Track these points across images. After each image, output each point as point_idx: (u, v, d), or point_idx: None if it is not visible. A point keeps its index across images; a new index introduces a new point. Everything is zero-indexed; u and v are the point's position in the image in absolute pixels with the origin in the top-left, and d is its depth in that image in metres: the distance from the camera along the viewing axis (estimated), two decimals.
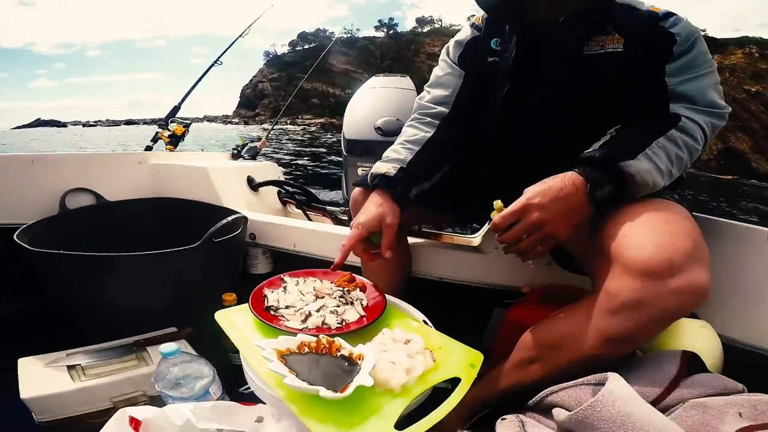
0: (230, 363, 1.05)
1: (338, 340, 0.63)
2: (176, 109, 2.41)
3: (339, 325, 0.72)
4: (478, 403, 0.80)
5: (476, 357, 0.72)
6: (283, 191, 1.86)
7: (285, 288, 0.82)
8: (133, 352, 0.98)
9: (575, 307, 0.73)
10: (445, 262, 1.24)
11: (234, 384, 0.88)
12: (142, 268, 1.06)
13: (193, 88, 2.59)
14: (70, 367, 0.91)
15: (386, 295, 0.84)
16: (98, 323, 1.12)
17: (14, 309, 1.33)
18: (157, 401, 0.84)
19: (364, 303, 0.81)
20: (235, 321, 0.74)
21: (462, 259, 1.24)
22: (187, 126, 2.18)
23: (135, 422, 0.68)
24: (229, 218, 1.16)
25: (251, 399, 0.72)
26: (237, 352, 0.69)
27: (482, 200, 0.84)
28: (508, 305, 1.13)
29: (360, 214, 0.84)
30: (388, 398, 0.59)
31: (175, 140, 2.10)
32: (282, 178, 1.96)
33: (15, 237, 1.05)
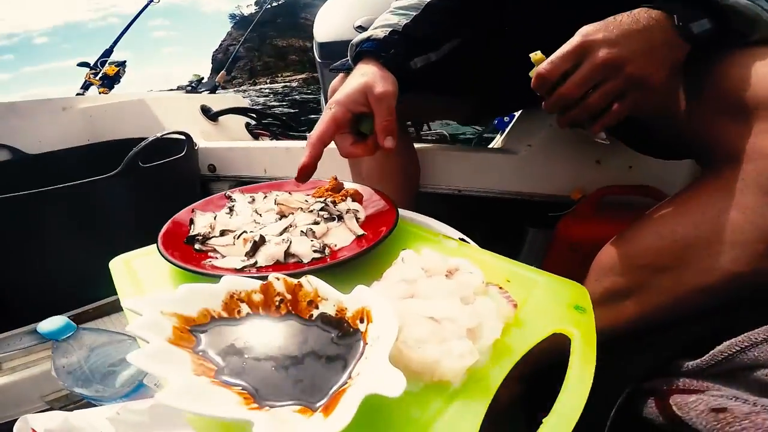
0: None
1: (313, 281, 0.29)
2: (108, 51, 1.98)
3: (319, 255, 0.38)
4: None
5: (578, 292, 0.38)
6: (253, 122, 1.49)
7: (231, 209, 0.48)
8: None
9: (692, 198, 0.46)
10: (461, 169, 0.91)
11: None
12: (55, 211, 0.74)
13: (128, 27, 2.15)
14: None
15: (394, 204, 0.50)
16: (18, 298, 0.83)
17: None
18: None
19: (361, 216, 0.47)
20: (140, 270, 0.40)
21: (484, 164, 0.90)
22: (121, 65, 1.77)
23: None
24: (158, 135, 0.80)
25: None
26: None
27: (504, 86, 0.65)
28: (553, 219, 0.83)
29: (337, 92, 0.51)
30: (440, 401, 0.26)
31: (109, 82, 1.71)
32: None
33: None
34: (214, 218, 0.44)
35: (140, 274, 0.39)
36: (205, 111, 1.35)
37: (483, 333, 0.29)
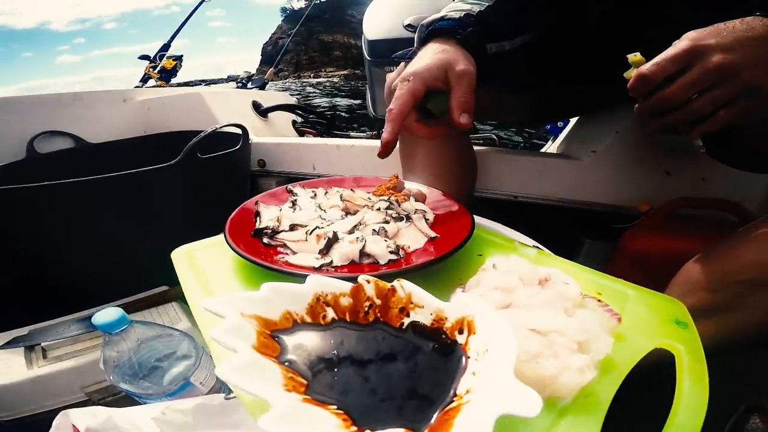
0: None
1: (406, 286, 0.25)
2: (166, 46, 2.05)
3: (395, 257, 0.35)
4: None
5: (676, 306, 0.35)
6: (300, 120, 1.49)
7: (294, 203, 0.46)
8: None
9: None
10: (518, 173, 0.86)
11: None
12: (112, 198, 0.74)
13: (184, 23, 2.21)
14: (28, 349, 0.65)
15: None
16: (69, 284, 0.83)
17: None
18: None
19: (430, 217, 0.44)
20: (204, 262, 0.38)
21: (543, 170, 0.85)
22: (178, 59, 1.82)
23: None
24: (217, 126, 0.79)
25: None
26: None
27: (575, 87, 0.64)
28: (615, 231, 0.78)
29: (410, 66, 0.48)
30: (550, 419, 0.23)
31: (166, 75, 1.77)
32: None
33: None
34: (279, 211, 0.42)
35: (203, 266, 0.37)
36: (256, 107, 1.36)
37: (593, 347, 0.26)
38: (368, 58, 1.23)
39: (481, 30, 0.54)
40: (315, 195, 0.49)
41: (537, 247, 0.48)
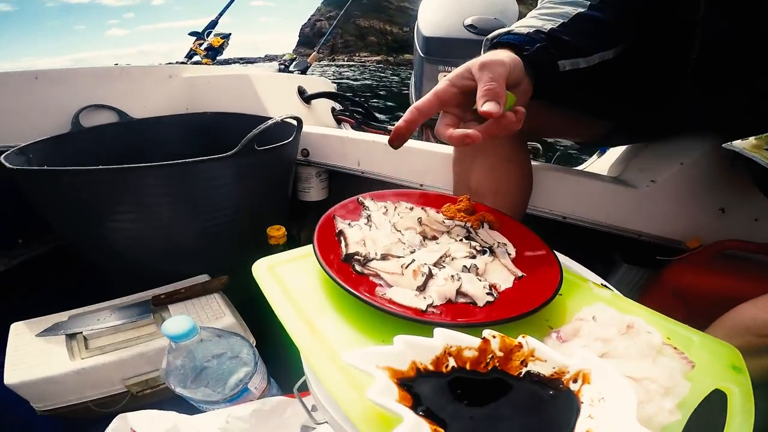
0: (281, 325, 0.74)
1: (530, 342, 0.26)
2: (214, 23, 2.02)
3: (491, 298, 0.34)
4: None
5: (733, 353, 0.37)
6: (339, 107, 1.48)
7: (368, 218, 0.45)
8: (151, 313, 0.68)
9: None
10: (569, 194, 0.84)
11: (284, 360, 0.56)
12: (159, 185, 0.72)
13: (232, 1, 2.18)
14: (70, 337, 0.64)
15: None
16: (110, 270, 0.84)
17: (24, 255, 1.07)
18: None
19: (512, 251, 0.43)
20: (287, 279, 0.38)
21: (596, 193, 0.83)
22: (226, 37, 1.80)
23: None
24: (278, 118, 0.78)
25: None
26: None
27: (653, 111, 0.62)
28: (658, 261, 0.79)
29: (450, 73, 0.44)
30: None
31: (212, 53, 1.75)
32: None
33: (2, 158, 0.74)
34: (363, 228, 0.42)
35: (289, 283, 0.37)
36: (301, 92, 1.35)
37: (675, 391, 0.29)
38: (422, 54, 1.21)
39: (550, 43, 0.50)
40: (386, 210, 0.48)
41: (606, 286, 0.47)
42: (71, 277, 0.93)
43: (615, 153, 1.12)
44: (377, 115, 1.55)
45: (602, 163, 1.20)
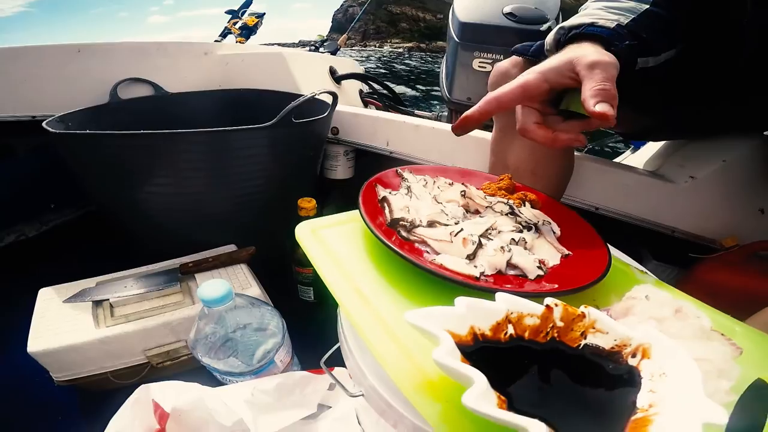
0: (300, 298, 0.74)
1: (593, 314, 0.25)
2: (249, 2, 2.01)
3: (541, 272, 0.33)
4: None
5: None
6: (367, 90, 1.47)
7: (408, 189, 0.44)
8: (178, 282, 0.67)
9: None
10: (605, 185, 0.82)
11: (303, 334, 0.56)
12: (195, 152, 0.72)
13: None
14: (96, 304, 0.63)
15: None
16: (140, 237, 0.84)
17: (56, 221, 1.10)
18: None
19: (557, 230, 0.42)
20: (331, 242, 0.38)
21: (632, 185, 0.80)
22: (260, 17, 1.80)
23: (161, 412, 0.39)
24: (315, 92, 0.78)
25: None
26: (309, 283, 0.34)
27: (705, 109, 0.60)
28: (689, 259, 0.76)
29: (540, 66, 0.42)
30: None
31: (246, 32, 1.75)
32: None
33: (44, 124, 0.75)
34: (404, 198, 0.41)
35: (333, 247, 0.37)
36: (332, 72, 1.34)
37: (729, 374, 0.28)
38: (457, 39, 1.18)
39: (634, 39, 0.48)
40: (426, 183, 0.47)
41: (646, 272, 0.46)
42: (101, 243, 0.95)
43: (649, 149, 1.08)
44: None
45: (637, 158, 1.16)
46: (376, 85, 1.47)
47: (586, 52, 0.40)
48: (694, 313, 0.32)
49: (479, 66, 1.15)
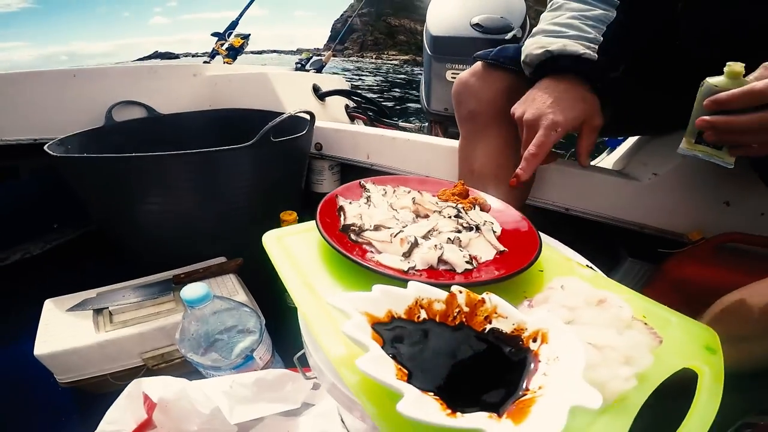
0: (287, 305, 0.79)
1: (493, 299, 0.29)
2: (234, 23, 2.10)
3: (469, 266, 0.38)
4: None
5: (709, 335, 0.38)
6: (352, 105, 1.52)
7: (368, 199, 0.49)
8: (171, 291, 0.73)
9: None
10: (573, 186, 0.86)
11: (287, 337, 0.60)
12: (183, 171, 0.78)
13: (251, 2, 2.26)
14: (97, 312, 0.69)
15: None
16: (136, 251, 0.90)
17: (59, 239, 1.16)
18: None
19: (497, 230, 0.46)
20: (292, 248, 0.42)
21: (600, 185, 0.84)
22: (245, 38, 1.88)
23: (149, 403, 0.43)
24: (291, 112, 0.83)
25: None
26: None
27: (655, 105, 0.69)
28: (659, 254, 0.79)
29: (553, 108, 0.54)
30: (590, 416, 0.27)
31: (233, 53, 1.83)
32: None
33: (46, 148, 0.81)
34: (359, 207, 0.46)
35: (294, 251, 0.41)
36: (315, 90, 1.40)
37: (637, 362, 0.31)
38: (429, 53, 1.24)
39: (609, 66, 0.58)
40: (385, 193, 0.52)
41: (590, 267, 0.50)
42: (101, 259, 1.00)
43: (623, 151, 1.12)
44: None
45: (612, 159, 1.20)
46: (361, 100, 1.53)
47: (594, 112, 0.55)
48: (617, 303, 0.35)
49: (452, 77, 1.20)
